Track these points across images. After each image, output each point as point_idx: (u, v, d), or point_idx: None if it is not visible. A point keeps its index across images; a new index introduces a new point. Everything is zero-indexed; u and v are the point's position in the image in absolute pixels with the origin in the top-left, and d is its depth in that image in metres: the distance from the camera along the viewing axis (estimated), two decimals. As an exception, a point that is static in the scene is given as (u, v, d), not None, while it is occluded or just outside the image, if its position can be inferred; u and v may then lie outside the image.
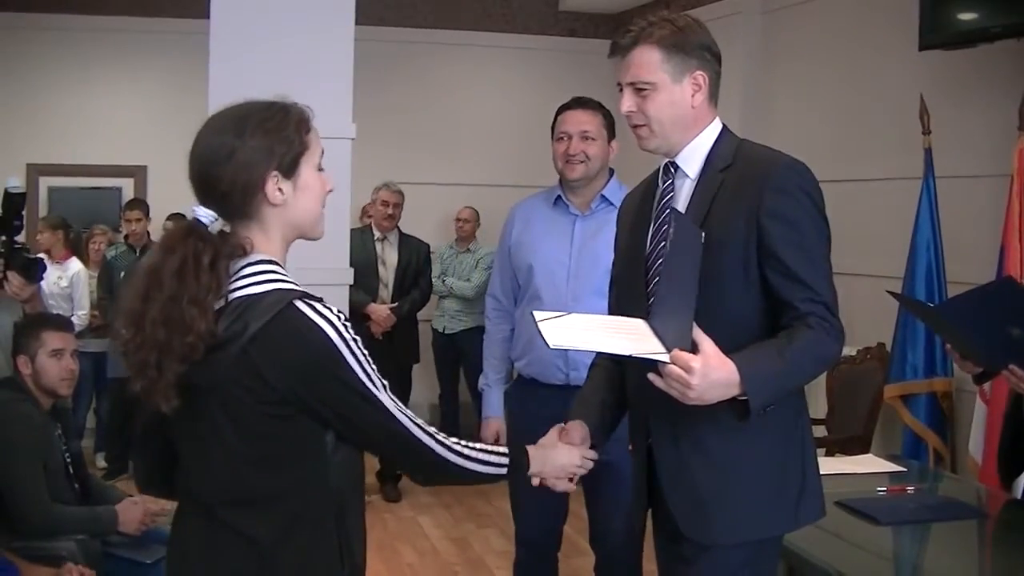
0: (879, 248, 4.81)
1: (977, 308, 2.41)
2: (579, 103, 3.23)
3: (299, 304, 1.62)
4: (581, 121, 3.18)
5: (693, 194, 2.06)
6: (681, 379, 1.82)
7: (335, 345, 1.61)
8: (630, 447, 2.25)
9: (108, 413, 6.37)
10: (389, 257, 6.06)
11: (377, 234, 6.05)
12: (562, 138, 3.19)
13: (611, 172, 3.27)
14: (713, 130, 2.09)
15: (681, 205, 2.07)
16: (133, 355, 1.64)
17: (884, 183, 4.94)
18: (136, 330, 1.62)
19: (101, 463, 6.35)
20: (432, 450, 1.73)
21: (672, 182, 2.10)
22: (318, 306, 1.63)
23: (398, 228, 6.14)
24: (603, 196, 3.20)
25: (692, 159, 2.08)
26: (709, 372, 1.82)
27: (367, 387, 1.65)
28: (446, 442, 1.76)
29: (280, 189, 1.68)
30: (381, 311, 5.87)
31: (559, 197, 3.26)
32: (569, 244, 3.20)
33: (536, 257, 3.22)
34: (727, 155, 2.05)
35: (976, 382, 2.71)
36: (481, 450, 1.82)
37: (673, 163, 2.10)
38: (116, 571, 3.11)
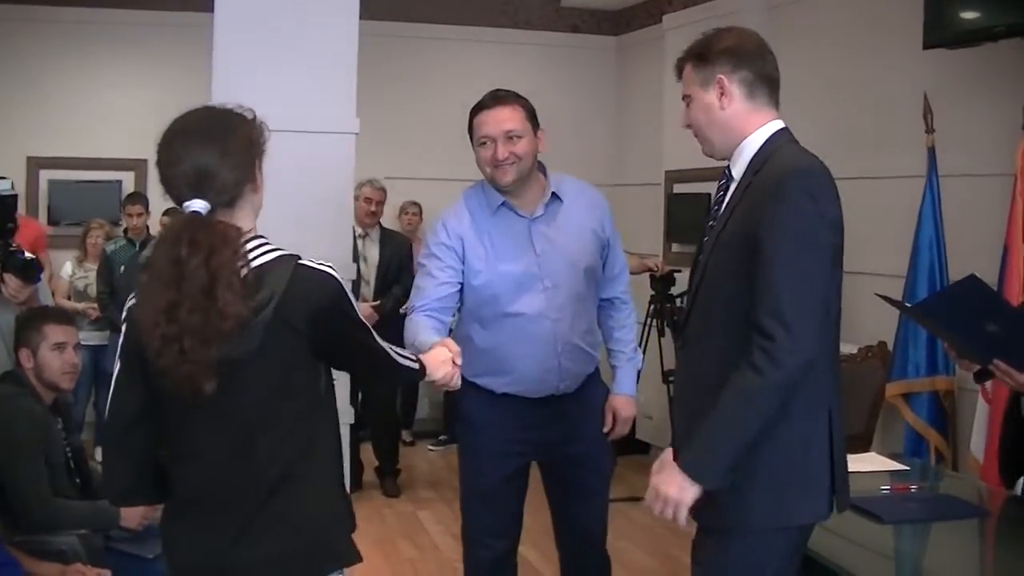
0: (882, 246, 4.80)
1: (951, 308, 2.42)
2: (496, 99, 2.87)
3: (305, 263, 1.86)
4: (502, 120, 2.83)
5: (731, 197, 2.13)
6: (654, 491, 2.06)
7: (342, 288, 1.90)
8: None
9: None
10: (371, 254, 6.03)
11: (359, 231, 5.94)
12: (485, 143, 2.85)
13: (542, 166, 2.95)
14: (763, 133, 2.15)
15: (723, 208, 2.16)
16: (168, 346, 1.74)
17: (887, 181, 4.92)
18: (168, 321, 1.73)
19: (100, 457, 6.33)
20: (395, 362, 2.06)
21: (727, 183, 2.19)
22: (319, 262, 1.89)
23: (379, 224, 6.14)
24: (553, 194, 2.93)
25: (738, 163, 2.15)
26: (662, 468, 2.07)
27: (359, 318, 1.95)
28: (399, 353, 2.09)
29: (257, 175, 1.93)
30: (364, 309, 5.83)
31: (503, 203, 2.91)
32: (533, 253, 2.88)
33: (500, 275, 2.87)
34: (764, 159, 2.10)
35: (977, 381, 2.73)
36: (406, 356, 2.14)
37: (728, 167, 2.19)
38: (117, 566, 3.11)
